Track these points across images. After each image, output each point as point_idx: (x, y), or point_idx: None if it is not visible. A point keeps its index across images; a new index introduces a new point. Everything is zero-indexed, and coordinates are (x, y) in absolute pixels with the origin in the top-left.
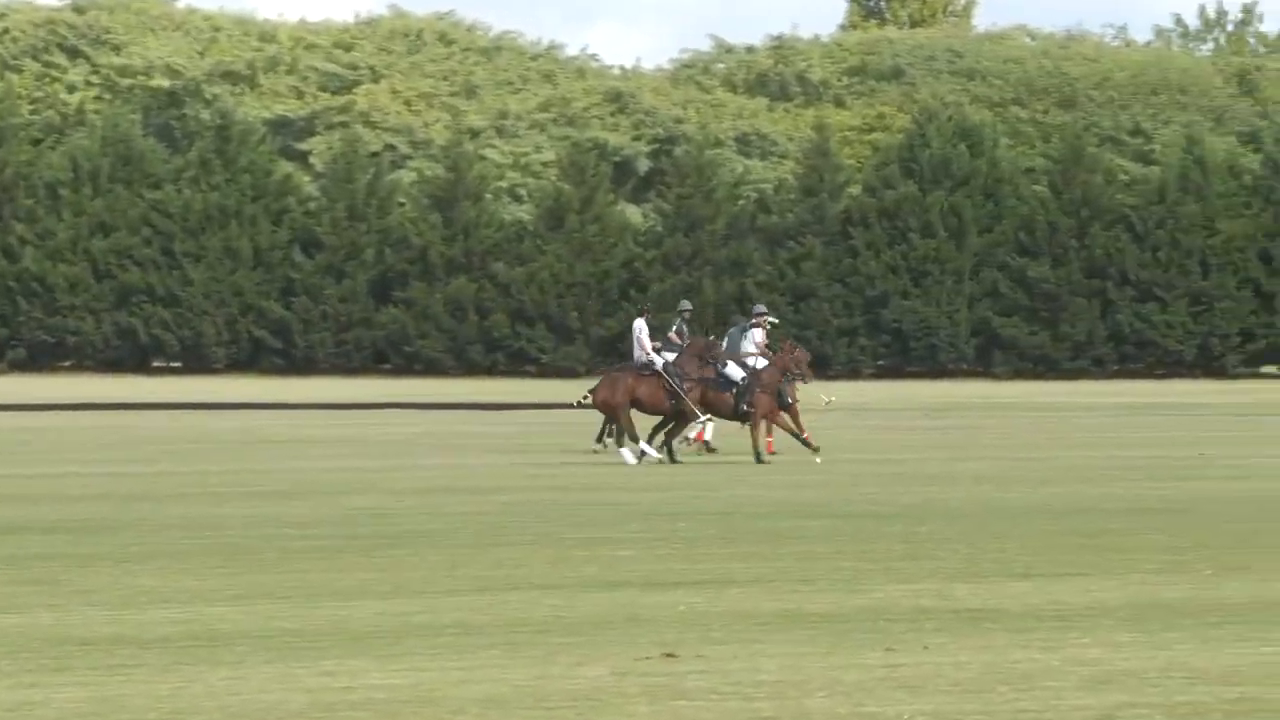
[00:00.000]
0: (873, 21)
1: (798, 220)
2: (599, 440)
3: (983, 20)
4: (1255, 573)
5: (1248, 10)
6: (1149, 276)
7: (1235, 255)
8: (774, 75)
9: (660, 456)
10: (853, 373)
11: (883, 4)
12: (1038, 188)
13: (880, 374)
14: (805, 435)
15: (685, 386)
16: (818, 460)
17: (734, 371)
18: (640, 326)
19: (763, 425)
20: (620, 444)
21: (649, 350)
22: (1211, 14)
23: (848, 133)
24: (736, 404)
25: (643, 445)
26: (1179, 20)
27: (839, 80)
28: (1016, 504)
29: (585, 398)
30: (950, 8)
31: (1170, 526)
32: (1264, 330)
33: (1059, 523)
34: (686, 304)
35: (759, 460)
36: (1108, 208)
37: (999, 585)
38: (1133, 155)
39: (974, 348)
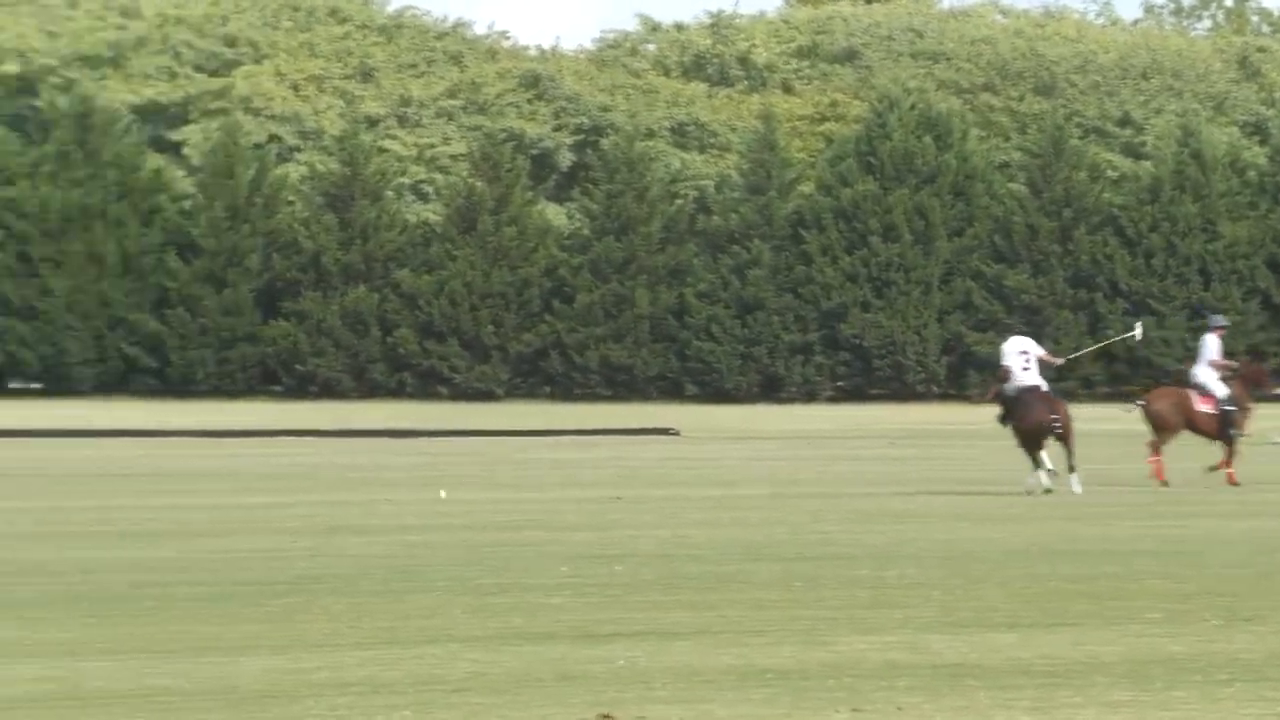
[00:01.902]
0: None
1: (743, 222)
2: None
3: None
4: (1269, 623)
5: None
6: (1142, 286)
7: (1240, 262)
8: (712, 57)
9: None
10: (808, 395)
11: None
12: (1014, 185)
13: (839, 396)
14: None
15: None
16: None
17: (1219, 389)
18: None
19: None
20: (1069, 470)
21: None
22: None
23: (797, 123)
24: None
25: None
26: None
27: (786, 63)
28: (998, 545)
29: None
30: None
31: (1173, 571)
32: (1275, 348)
33: (1047, 566)
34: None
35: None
36: (1094, 208)
37: (980, 637)
38: (1121, 148)
39: (945, 366)
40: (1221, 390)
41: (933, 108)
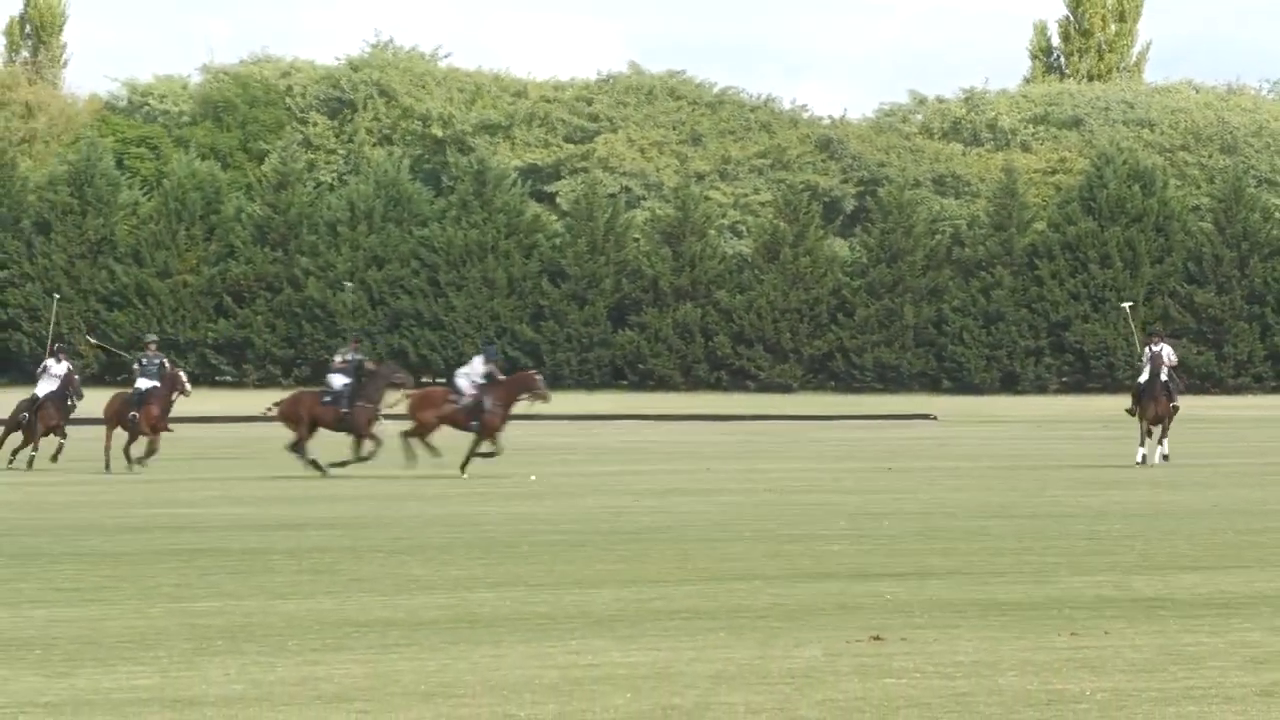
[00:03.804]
0: (1054, 75)
1: (988, 252)
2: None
3: (1153, 74)
4: None
5: None
6: None
7: None
8: (966, 123)
9: None
10: (1040, 389)
11: (1062, 60)
12: (1203, 224)
13: (1064, 390)
14: None
15: None
16: None
17: None
18: None
19: None
20: None
21: None
22: None
23: (1033, 175)
24: None
25: None
26: None
27: (1025, 128)
28: (1187, 505)
29: None
30: (1123, 63)
31: None
32: None
33: (1225, 521)
34: None
35: None
36: (1265, 241)
37: (1171, 577)
38: None
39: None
40: None
41: (1140, 163)
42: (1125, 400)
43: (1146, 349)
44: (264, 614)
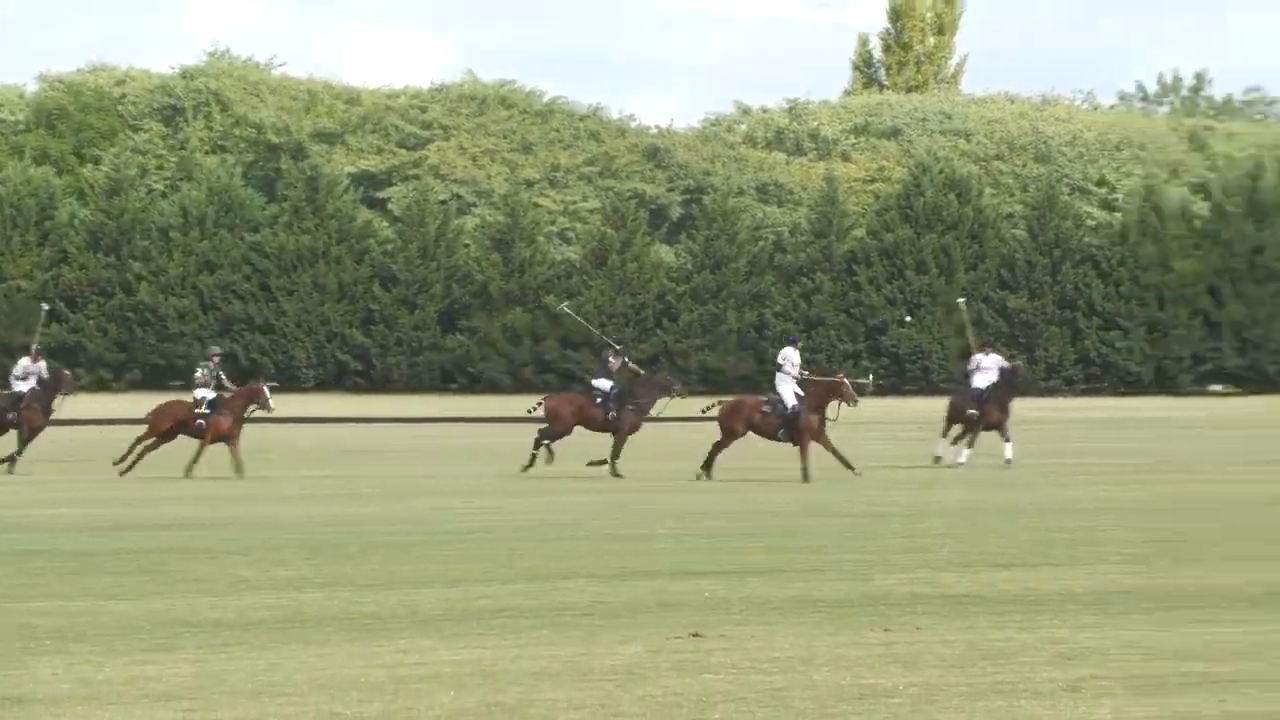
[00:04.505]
0: (874, 87)
1: (809, 259)
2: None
3: (970, 86)
4: (1206, 565)
5: (1199, 78)
6: (1112, 308)
7: (1187, 290)
8: (789, 133)
9: None
10: (857, 391)
11: (882, 71)
12: (1017, 231)
13: (880, 392)
14: None
15: None
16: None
17: None
18: None
19: None
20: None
21: None
22: (1168, 80)
23: (853, 183)
24: None
25: None
26: (1140, 86)
27: (845, 137)
28: (999, 504)
29: None
30: (941, 74)
31: (1131, 524)
32: (1212, 354)
33: (1035, 520)
34: None
35: None
36: (1077, 248)
37: (982, 574)
38: (1099, 203)
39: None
40: None
41: (956, 172)
42: (942, 403)
43: (978, 356)
44: (93, 614)
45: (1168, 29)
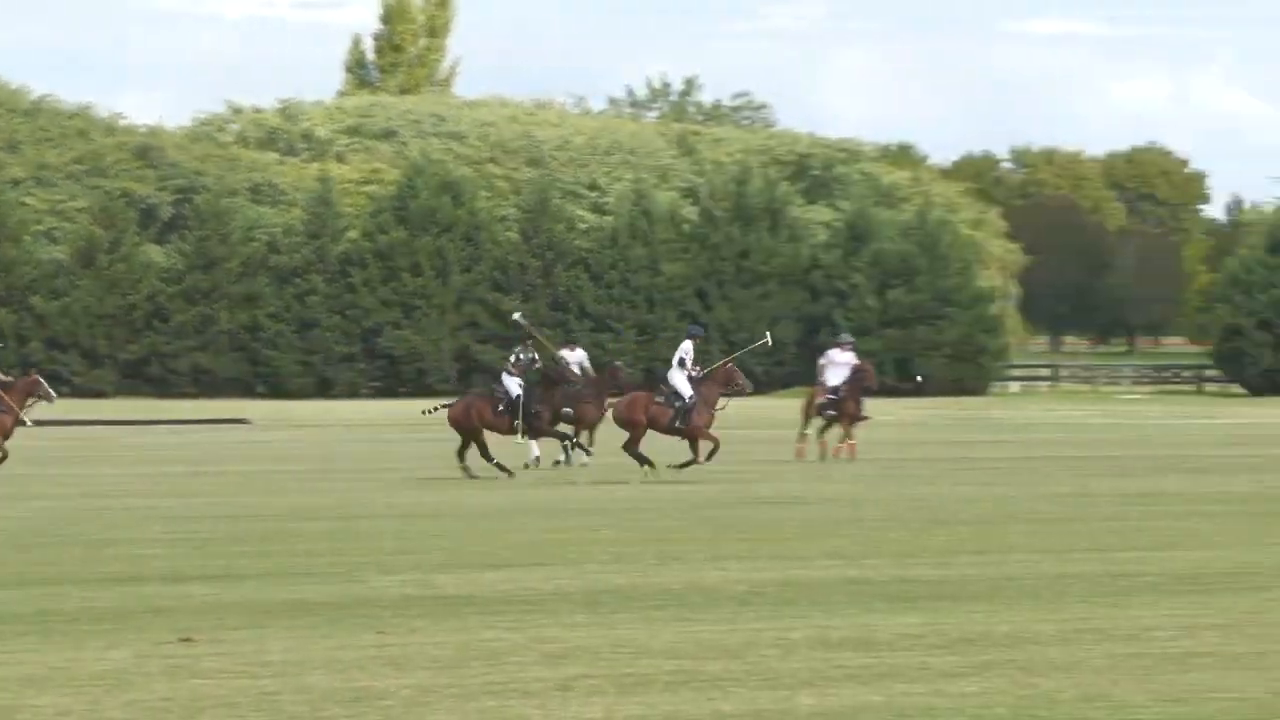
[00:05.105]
0: (368, 88)
1: (304, 260)
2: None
3: (463, 89)
4: (691, 562)
5: (688, 83)
6: (603, 310)
7: (676, 292)
8: (282, 133)
9: None
10: (352, 393)
11: (375, 74)
12: (510, 234)
13: (375, 394)
14: None
15: None
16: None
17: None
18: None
19: None
20: None
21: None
22: (657, 86)
23: (347, 184)
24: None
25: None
26: (630, 91)
27: (340, 139)
28: (503, 504)
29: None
30: (434, 77)
31: (622, 524)
32: (703, 358)
33: (530, 520)
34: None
35: None
36: (569, 251)
37: (476, 575)
38: (590, 206)
39: (456, 371)
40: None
41: (450, 175)
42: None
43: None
44: None
45: (657, 36)
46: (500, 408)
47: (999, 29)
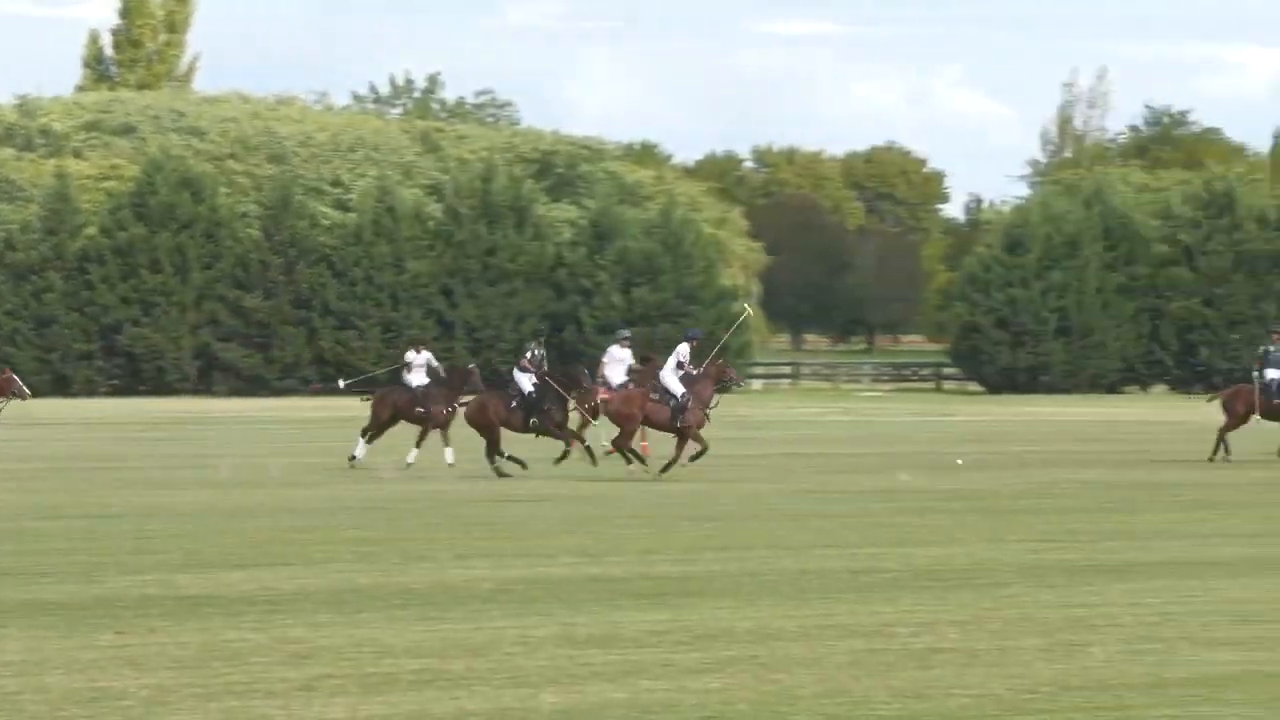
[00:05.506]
0: (106, 83)
1: (41, 257)
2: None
3: (202, 84)
4: (436, 561)
5: (432, 80)
6: (348, 308)
7: (421, 290)
8: (19, 129)
9: None
10: (90, 391)
11: (114, 69)
12: (252, 230)
13: (114, 392)
14: None
15: None
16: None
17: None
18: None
19: None
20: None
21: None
22: (400, 82)
23: (85, 180)
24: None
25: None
26: (373, 87)
27: (78, 134)
28: (235, 505)
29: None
30: (173, 72)
31: (365, 523)
32: (444, 356)
33: (275, 519)
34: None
35: None
36: (312, 248)
37: (218, 575)
38: (333, 203)
39: (197, 369)
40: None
41: (191, 171)
42: (176, 401)
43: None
44: None
45: (400, 32)
46: (514, 404)
47: (741, 29)
